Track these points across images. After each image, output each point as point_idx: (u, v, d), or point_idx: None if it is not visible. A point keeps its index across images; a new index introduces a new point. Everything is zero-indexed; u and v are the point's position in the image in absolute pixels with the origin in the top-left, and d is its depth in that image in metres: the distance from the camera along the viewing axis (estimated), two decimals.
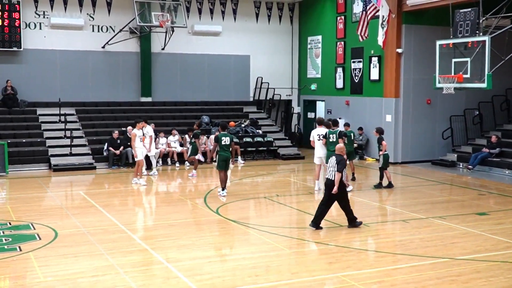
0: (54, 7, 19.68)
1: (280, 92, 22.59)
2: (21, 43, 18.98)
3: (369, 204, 12.21)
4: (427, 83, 16.83)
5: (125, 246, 8.75)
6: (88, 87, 20.30)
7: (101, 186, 14.70)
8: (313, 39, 22.55)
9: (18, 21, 18.89)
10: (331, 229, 10.14)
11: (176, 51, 21.29)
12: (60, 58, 19.91)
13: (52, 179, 15.57)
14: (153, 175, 15.88)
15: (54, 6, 19.67)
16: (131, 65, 20.79)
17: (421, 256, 8.32)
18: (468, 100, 18.84)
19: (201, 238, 9.32)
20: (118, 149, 17.11)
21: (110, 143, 17.27)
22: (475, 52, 13.19)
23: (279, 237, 9.40)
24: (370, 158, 19.26)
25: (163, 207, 12.10)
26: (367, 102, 19.63)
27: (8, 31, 18.75)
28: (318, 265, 7.99)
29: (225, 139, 12.64)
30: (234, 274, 7.53)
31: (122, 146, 17.13)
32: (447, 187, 14.74)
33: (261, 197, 13.05)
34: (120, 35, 20.10)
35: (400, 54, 18.14)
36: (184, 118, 20.50)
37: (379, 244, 9.22)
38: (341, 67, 20.87)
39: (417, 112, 18.55)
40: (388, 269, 7.77)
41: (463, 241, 9.17)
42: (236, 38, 22.30)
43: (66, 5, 19.78)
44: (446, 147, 18.78)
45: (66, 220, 10.56)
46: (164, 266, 7.84)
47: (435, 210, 11.53)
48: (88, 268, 7.69)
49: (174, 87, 21.49)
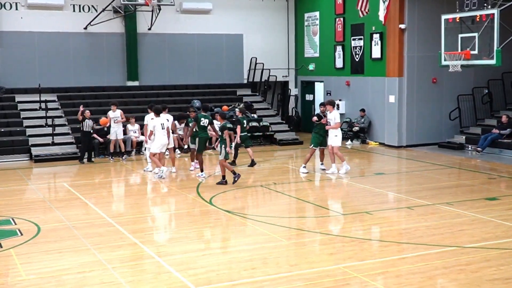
0: None
1: (275, 73, 22.50)
2: None
3: (372, 190, 12.24)
4: (432, 60, 16.77)
5: (113, 240, 8.75)
6: (70, 71, 20.15)
7: (86, 177, 14.67)
8: (310, 16, 22.42)
9: None
10: (332, 218, 10.17)
11: (163, 31, 21.13)
12: (39, 41, 19.74)
13: (33, 170, 15.53)
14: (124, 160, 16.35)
15: None
16: (115, 47, 20.65)
17: (427, 245, 8.35)
18: (476, 78, 18.83)
19: (194, 230, 9.33)
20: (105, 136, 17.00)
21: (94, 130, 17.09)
22: (483, 26, 13.14)
23: (276, 227, 9.42)
24: (372, 142, 19.28)
25: (152, 198, 12.09)
26: (369, 82, 19.60)
27: None
28: (318, 256, 8.01)
29: (204, 121, 13.59)
30: (230, 267, 7.55)
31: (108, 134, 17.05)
32: (455, 171, 14.78)
33: (257, 185, 13.06)
34: (103, 15, 19.91)
35: (403, 30, 18.07)
36: (174, 103, 20.38)
37: (383, 232, 9.25)
38: (341, 45, 20.79)
39: (422, 92, 18.53)
40: (393, 259, 7.80)
41: (471, 228, 9.21)
42: (228, 16, 22.15)
43: None
44: (453, 129, 18.80)
45: (49, 214, 10.54)
46: (155, 261, 7.85)
47: (442, 195, 11.57)
48: (73, 265, 7.68)
49: (163, 70, 21.37)
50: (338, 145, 13.76)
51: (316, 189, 13.04)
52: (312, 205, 11.14)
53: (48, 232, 9.24)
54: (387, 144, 18.67)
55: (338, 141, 13.75)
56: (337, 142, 13.72)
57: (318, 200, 11.66)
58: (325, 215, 10.31)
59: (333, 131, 13.73)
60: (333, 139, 13.74)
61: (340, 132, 13.89)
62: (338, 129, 13.76)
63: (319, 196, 12.30)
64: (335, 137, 13.72)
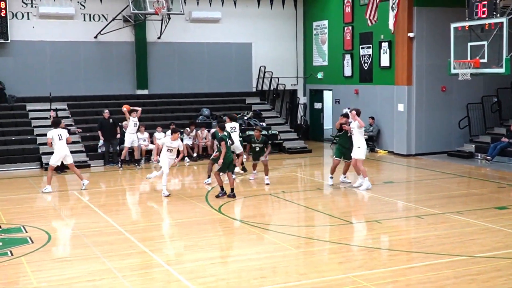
0: None
1: (284, 81, 22.55)
2: (8, 34, 18.99)
3: (381, 199, 12.21)
4: (441, 69, 16.75)
5: (123, 249, 8.79)
6: (80, 80, 20.32)
7: (96, 185, 14.74)
8: (319, 24, 22.48)
9: (4, 11, 18.90)
10: (341, 226, 10.16)
11: (173, 40, 21.27)
12: (50, 50, 19.93)
13: (43, 178, 15.61)
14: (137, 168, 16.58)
15: None
16: (125, 55, 20.80)
17: (437, 254, 8.32)
18: (486, 87, 18.75)
19: (203, 239, 9.35)
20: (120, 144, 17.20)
21: (100, 126, 17.16)
22: (492, 34, 13.14)
23: (286, 236, 9.42)
24: (381, 150, 19.24)
25: (162, 206, 12.13)
26: (378, 90, 19.59)
27: None
28: (327, 265, 8.01)
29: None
30: (239, 276, 7.56)
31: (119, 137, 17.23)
32: (464, 180, 14.71)
33: (266, 194, 13.07)
34: (113, 24, 20.09)
35: (411, 39, 18.06)
36: (183, 111, 20.51)
37: (393, 241, 9.23)
38: (349, 53, 20.81)
39: (431, 100, 18.49)
40: (402, 268, 7.77)
41: (482, 237, 9.16)
42: (237, 25, 22.26)
43: None
44: (463, 137, 18.72)
45: (59, 222, 10.61)
46: (165, 269, 7.88)
47: (451, 204, 11.52)
48: (83, 273, 7.72)
49: (172, 79, 21.49)
50: (361, 158, 12.91)
51: (325, 198, 13.02)
52: (321, 213, 11.14)
53: (59, 240, 9.31)
54: (396, 153, 18.62)
55: (361, 153, 12.89)
56: (360, 155, 12.87)
57: (327, 209, 11.64)
58: (334, 224, 10.29)
59: (357, 142, 12.89)
60: (356, 151, 12.90)
61: (364, 144, 13.04)
62: (362, 141, 12.92)
63: (328, 204, 12.28)
64: (358, 149, 12.89)
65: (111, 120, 17.28)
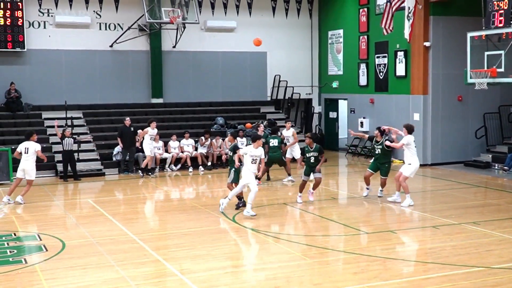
0: (58, 5, 19.95)
1: (299, 90, 22.56)
2: (24, 43, 19.27)
3: (397, 209, 12.12)
4: (457, 78, 16.65)
5: (137, 257, 8.82)
6: (96, 88, 20.51)
7: (110, 194, 14.84)
8: (334, 34, 22.49)
9: (21, 20, 19.18)
10: (355, 236, 10.09)
11: (188, 49, 21.40)
12: (66, 59, 20.16)
13: (58, 186, 15.76)
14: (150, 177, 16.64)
15: (58, 3, 19.94)
16: (140, 64, 20.97)
17: (453, 265, 8.23)
18: (503, 96, 18.61)
19: (217, 248, 9.34)
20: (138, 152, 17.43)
21: (121, 133, 17.27)
22: (509, 44, 13.05)
23: (300, 245, 9.39)
24: (397, 160, 19.10)
25: (176, 215, 12.15)
26: (393, 100, 19.50)
27: (11, 31, 19.01)
28: (342, 276, 7.95)
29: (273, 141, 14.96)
30: (253, 286, 7.54)
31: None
32: (481, 190, 14.56)
33: (280, 203, 13.04)
34: (128, 33, 20.29)
35: (427, 48, 18.00)
36: (197, 120, 20.59)
37: (408, 252, 9.15)
38: (365, 62, 20.77)
39: (448, 110, 18.36)
40: (418, 279, 7.70)
41: (499, 248, 9.05)
42: (252, 34, 22.20)
43: (72, 2, 20.02)
44: (479, 147, 18.55)
45: (73, 230, 10.67)
46: (178, 278, 7.88)
47: (468, 215, 11.40)
48: (97, 281, 7.76)
49: (187, 87, 21.61)
50: (407, 175, 12.45)
51: (340, 208, 12.96)
52: (336, 223, 11.08)
53: (73, 248, 9.34)
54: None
55: (409, 170, 12.45)
56: (407, 171, 12.45)
57: (342, 218, 11.58)
58: (349, 234, 10.23)
59: (408, 159, 12.54)
60: (406, 167, 12.54)
61: (415, 161, 12.52)
62: (413, 158, 12.47)
63: (343, 214, 12.21)
64: (408, 166, 12.47)
65: (132, 128, 17.39)
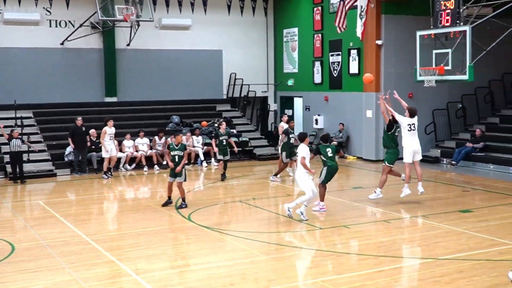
0: (7, 1, 19.43)
1: (255, 88, 22.66)
2: None
3: (350, 204, 12.38)
4: (408, 76, 17.06)
5: (89, 258, 8.71)
6: (47, 87, 20.04)
7: (62, 195, 14.57)
8: (289, 32, 22.70)
9: None
10: (310, 232, 10.26)
11: (142, 47, 21.19)
12: (15, 57, 19.63)
13: (8, 188, 15.36)
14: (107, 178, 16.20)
15: (7, 0, 19.39)
16: (93, 63, 20.63)
17: (404, 258, 8.49)
18: (451, 93, 19.19)
19: (172, 247, 9.34)
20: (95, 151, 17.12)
21: (72, 133, 16.81)
22: (456, 42, 13.49)
23: (255, 242, 9.48)
24: (351, 156, 19.49)
25: (130, 215, 12.05)
26: (347, 97, 19.85)
27: None
28: (296, 271, 8.09)
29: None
30: (208, 283, 7.58)
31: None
32: (430, 184, 14.99)
33: (236, 201, 13.11)
34: (80, 31, 19.92)
35: (380, 46, 18.39)
36: (152, 119, 20.42)
37: (360, 246, 9.37)
38: (319, 60, 21.06)
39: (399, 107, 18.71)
40: (370, 272, 7.90)
41: (446, 240, 9.39)
42: (207, 32, 22.31)
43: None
44: (429, 143, 19.09)
45: (23, 233, 10.45)
46: (133, 278, 7.84)
47: (418, 208, 11.77)
48: (49, 284, 7.63)
49: (141, 86, 21.38)
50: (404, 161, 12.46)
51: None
52: (291, 220, 11.22)
53: (23, 251, 9.15)
54: (365, 158, 18.89)
55: (404, 155, 12.48)
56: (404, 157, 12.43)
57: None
58: (304, 230, 10.39)
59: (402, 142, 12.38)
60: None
61: (406, 144, 12.55)
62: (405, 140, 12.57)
63: None
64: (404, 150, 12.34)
65: (83, 128, 17.04)
